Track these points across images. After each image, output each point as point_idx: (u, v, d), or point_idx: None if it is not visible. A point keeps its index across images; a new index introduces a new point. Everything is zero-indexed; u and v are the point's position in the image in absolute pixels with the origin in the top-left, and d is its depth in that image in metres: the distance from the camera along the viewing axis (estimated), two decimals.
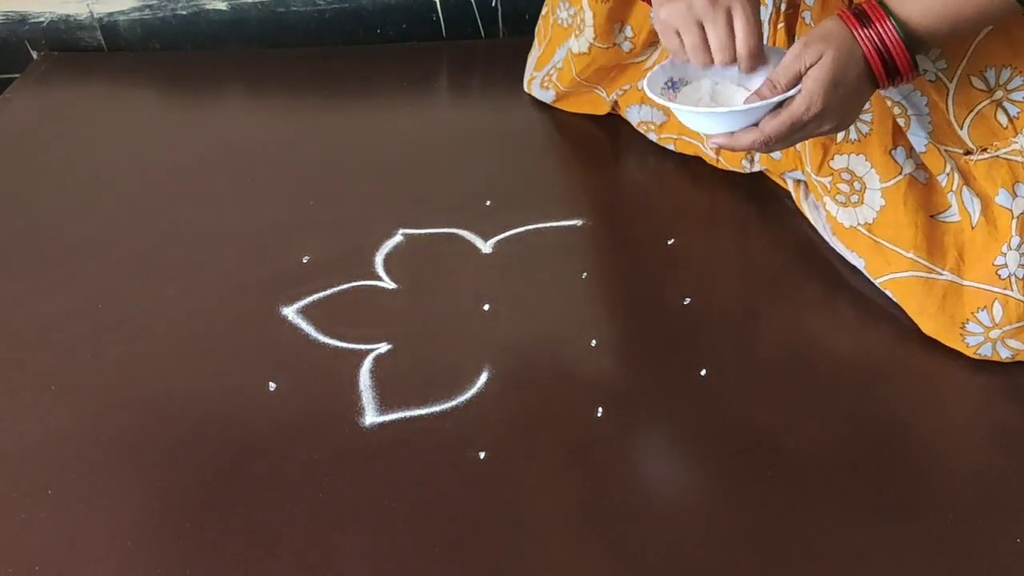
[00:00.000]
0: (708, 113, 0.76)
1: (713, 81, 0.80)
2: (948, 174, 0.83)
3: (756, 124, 0.74)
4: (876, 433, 0.76)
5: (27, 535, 0.70)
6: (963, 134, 0.82)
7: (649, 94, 0.78)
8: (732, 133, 0.75)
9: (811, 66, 0.71)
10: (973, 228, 0.81)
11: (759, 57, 0.76)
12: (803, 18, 0.92)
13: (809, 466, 0.73)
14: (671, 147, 1.08)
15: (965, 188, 0.82)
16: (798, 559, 0.67)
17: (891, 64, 0.72)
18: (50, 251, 0.99)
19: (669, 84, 0.80)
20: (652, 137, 1.10)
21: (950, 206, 0.83)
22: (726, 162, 1.04)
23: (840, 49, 0.71)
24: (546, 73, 1.18)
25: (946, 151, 0.83)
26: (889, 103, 0.84)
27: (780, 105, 0.74)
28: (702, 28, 0.75)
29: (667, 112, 1.07)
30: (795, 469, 0.73)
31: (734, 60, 0.75)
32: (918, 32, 0.71)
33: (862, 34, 0.71)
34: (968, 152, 0.83)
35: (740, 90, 0.79)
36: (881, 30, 0.71)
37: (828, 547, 0.67)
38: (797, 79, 0.72)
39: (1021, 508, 0.70)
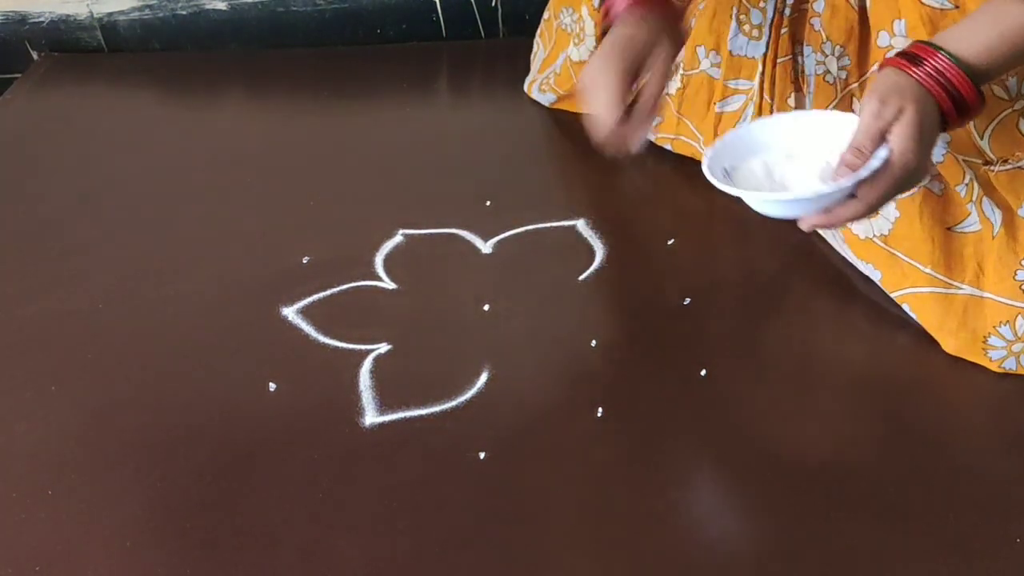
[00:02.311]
0: (805, 198, 0.70)
1: (762, 160, 0.75)
2: (967, 184, 0.81)
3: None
4: (875, 431, 0.76)
5: (27, 535, 0.70)
6: (983, 144, 0.81)
7: (726, 188, 0.72)
8: (828, 210, 0.70)
9: (893, 123, 0.67)
10: (994, 238, 0.80)
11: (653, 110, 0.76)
12: (811, 24, 0.90)
13: (808, 465, 0.73)
14: (668, 147, 1.08)
15: (985, 199, 0.80)
16: (797, 558, 0.67)
17: (957, 96, 0.69)
18: (50, 251, 0.99)
19: (724, 173, 0.75)
20: (650, 137, 1.10)
21: (968, 215, 0.81)
22: None
23: (918, 100, 0.67)
24: (544, 78, 1.18)
25: (964, 160, 0.81)
26: None
27: None
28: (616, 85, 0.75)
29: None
30: (794, 468, 0.73)
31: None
32: (973, 64, 0.68)
33: (918, 73, 0.68)
34: (988, 162, 0.81)
35: (792, 162, 0.75)
36: (937, 64, 0.68)
37: (827, 546, 0.67)
38: (880, 139, 0.68)
39: (1021, 508, 0.70)
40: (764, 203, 0.72)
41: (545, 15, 1.18)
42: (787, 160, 0.75)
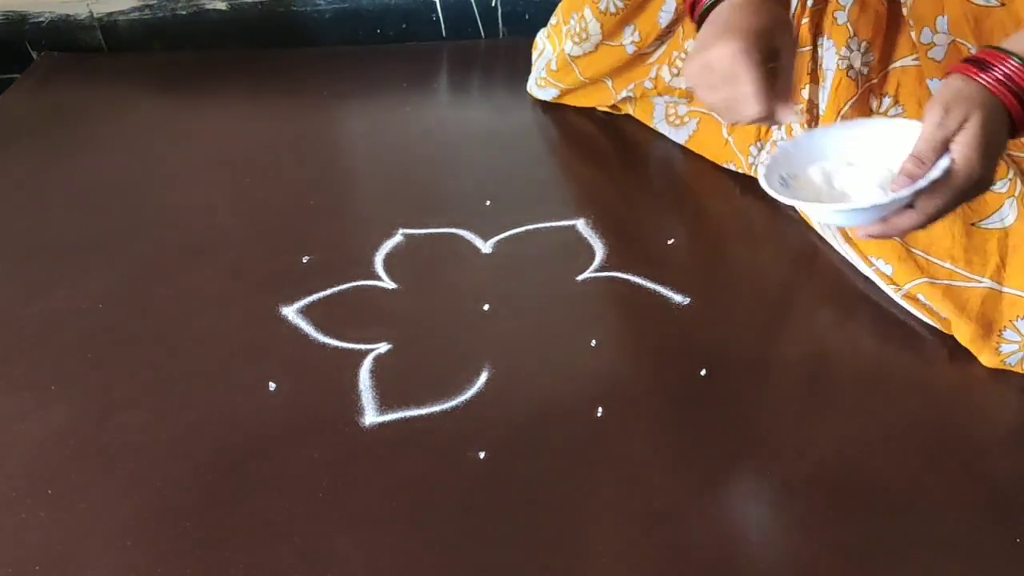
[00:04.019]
0: (860, 208, 0.67)
1: (821, 168, 0.73)
2: (1010, 179, 0.79)
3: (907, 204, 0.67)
4: (876, 431, 0.76)
5: (27, 535, 0.70)
6: None
7: (780, 198, 0.70)
8: (885, 219, 0.68)
9: (956, 132, 0.65)
10: None
11: (788, 107, 0.71)
12: (835, 18, 0.90)
13: (808, 463, 0.73)
14: (695, 121, 1.07)
15: None
16: (797, 556, 0.67)
17: None
18: (50, 251, 0.99)
19: (781, 182, 0.72)
20: (682, 110, 1.09)
21: (995, 211, 0.79)
22: (734, 143, 1.03)
23: (984, 107, 0.65)
24: (539, 71, 1.18)
25: (1008, 156, 0.80)
26: None
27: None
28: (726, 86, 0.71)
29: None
30: (793, 466, 0.73)
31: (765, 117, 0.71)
32: None
33: (986, 78, 0.65)
34: None
35: (853, 169, 0.73)
36: (1007, 68, 0.65)
37: (826, 545, 0.67)
38: (943, 149, 0.66)
39: (1021, 508, 0.70)
40: (819, 212, 0.70)
41: (553, 20, 1.18)
42: (847, 168, 0.73)
